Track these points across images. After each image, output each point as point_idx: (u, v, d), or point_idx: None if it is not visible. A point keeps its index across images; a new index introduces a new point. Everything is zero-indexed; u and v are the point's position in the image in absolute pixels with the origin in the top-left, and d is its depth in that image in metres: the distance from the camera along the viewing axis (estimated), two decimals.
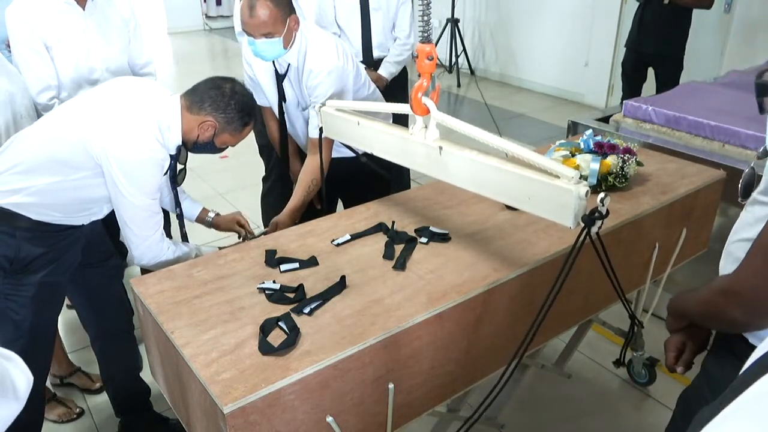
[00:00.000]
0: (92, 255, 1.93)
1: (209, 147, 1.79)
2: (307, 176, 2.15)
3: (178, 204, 1.96)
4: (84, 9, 2.10)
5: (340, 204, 2.59)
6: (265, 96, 2.29)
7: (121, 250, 2.20)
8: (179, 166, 1.83)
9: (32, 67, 2.05)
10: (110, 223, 1.87)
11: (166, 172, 1.77)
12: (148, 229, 1.71)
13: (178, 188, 1.92)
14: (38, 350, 1.84)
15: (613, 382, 2.45)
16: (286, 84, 2.16)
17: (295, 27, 2.00)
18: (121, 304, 2.05)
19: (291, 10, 1.98)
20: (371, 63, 3.22)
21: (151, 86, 1.81)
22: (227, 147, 1.84)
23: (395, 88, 3.29)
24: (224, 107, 1.72)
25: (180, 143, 1.74)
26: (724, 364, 1.15)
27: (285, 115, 2.28)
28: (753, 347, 1.05)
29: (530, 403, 2.31)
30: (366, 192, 2.25)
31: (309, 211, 2.20)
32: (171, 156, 1.76)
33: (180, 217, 1.99)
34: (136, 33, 2.29)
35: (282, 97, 2.20)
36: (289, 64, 2.09)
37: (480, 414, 1.49)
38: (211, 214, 2.09)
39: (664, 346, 1.24)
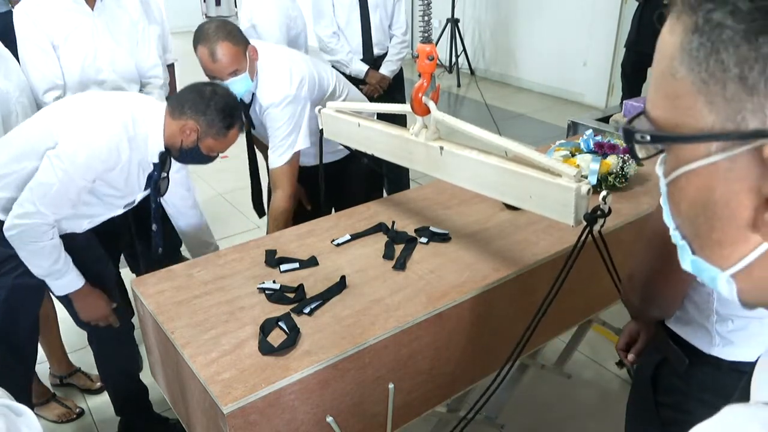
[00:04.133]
0: (79, 258, 1.86)
1: (195, 154, 1.74)
2: (277, 217, 2.10)
3: (156, 220, 1.88)
4: (93, 9, 2.10)
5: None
6: None
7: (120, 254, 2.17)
8: (162, 175, 1.80)
9: (38, 66, 2.05)
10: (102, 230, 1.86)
11: (148, 186, 1.75)
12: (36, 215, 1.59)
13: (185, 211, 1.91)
14: (17, 354, 1.81)
15: (613, 383, 2.45)
16: (252, 113, 2.16)
17: (255, 56, 2.00)
18: (120, 310, 1.99)
19: (246, 40, 1.99)
20: (371, 61, 3.24)
21: (139, 95, 1.81)
22: (217, 155, 1.78)
23: (392, 89, 3.30)
24: (204, 109, 1.68)
25: (162, 149, 1.71)
26: (649, 353, 1.20)
27: (255, 139, 2.31)
28: (674, 333, 1.10)
29: (530, 403, 2.31)
30: (356, 193, 2.25)
31: (301, 213, 2.20)
32: (154, 164, 1.73)
33: (156, 234, 1.91)
34: (145, 35, 2.28)
35: (251, 125, 2.20)
36: (253, 94, 2.08)
37: (476, 413, 1.49)
38: None
39: (621, 332, 1.28)
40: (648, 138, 0.49)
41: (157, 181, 1.79)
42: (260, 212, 2.58)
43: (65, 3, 2.05)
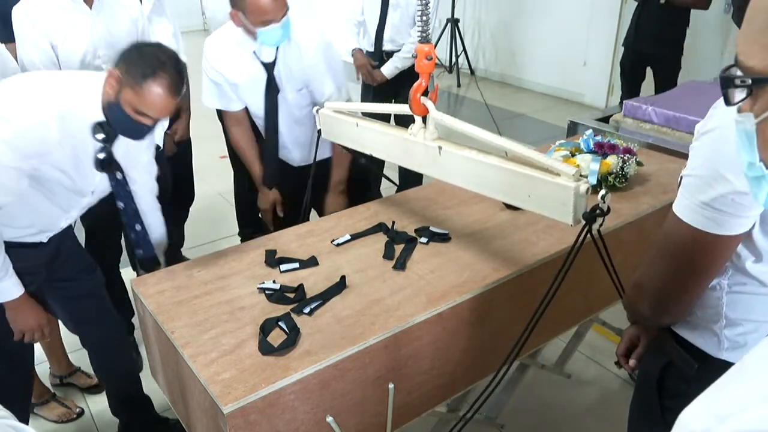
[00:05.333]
0: (66, 270, 1.81)
1: (120, 114, 1.52)
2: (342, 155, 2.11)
3: (131, 216, 1.74)
4: (91, 8, 2.10)
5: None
6: (239, 99, 2.23)
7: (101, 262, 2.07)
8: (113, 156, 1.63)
9: (37, 65, 2.05)
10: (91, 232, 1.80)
11: (98, 167, 1.60)
12: None
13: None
14: (11, 363, 1.77)
15: (613, 383, 2.45)
16: (277, 73, 2.10)
17: None
18: (109, 317, 1.93)
19: None
20: (379, 54, 3.39)
21: (82, 72, 1.68)
22: (152, 125, 1.56)
23: (398, 85, 3.36)
24: (128, 55, 1.51)
25: (101, 119, 1.55)
26: (654, 357, 1.18)
27: (277, 111, 2.22)
28: (683, 339, 1.09)
29: (530, 403, 2.31)
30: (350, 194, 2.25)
31: (294, 212, 2.19)
32: (101, 142, 1.57)
33: (140, 236, 1.79)
34: (144, 33, 2.29)
35: (275, 88, 2.12)
36: (277, 49, 2.04)
37: (474, 412, 1.49)
38: None
39: (621, 337, 1.27)
40: (749, 81, 0.60)
41: (108, 160, 1.62)
42: (252, 228, 2.52)
43: (63, 2, 2.04)
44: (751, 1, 0.62)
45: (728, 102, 0.64)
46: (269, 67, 2.09)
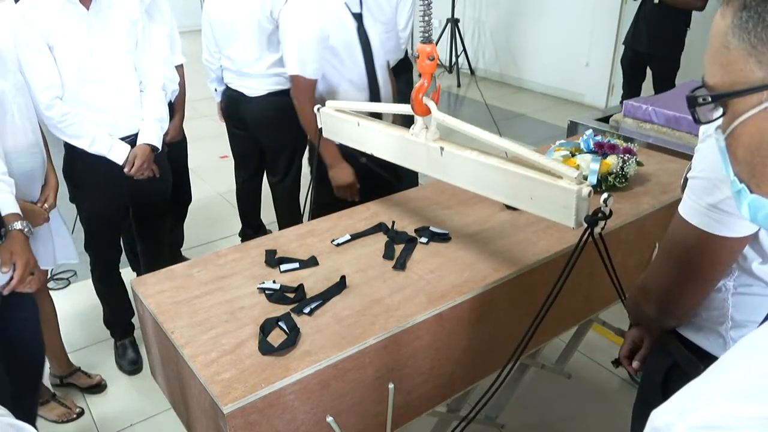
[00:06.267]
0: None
1: None
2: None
3: None
4: (88, 9, 2.10)
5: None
6: (332, 54, 2.18)
7: None
8: None
9: (34, 66, 2.05)
10: None
11: None
12: None
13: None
14: (15, 372, 1.67)
15: (612, 382, 2.45)
16: (366, 20, 2.17)
17: None
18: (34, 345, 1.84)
19: None
20: None
21: None
22: None
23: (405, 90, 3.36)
24: None
25: None
26: (658, 358, 1.18)
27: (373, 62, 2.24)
28: (688, 341, 1.09)
29: (530, 403, 2.31)
30: (368, 193, 2.24)
31: (295, 214, 2.19)
32: None
33: None
34: (144, 34, 2.29)
35: (366, 40, 2.18)
36: (361, 3, 2.13)
37: (476, 413, 1.49)
38: (18, 225, 1.64)
39: (624, 338, 1.27)
40: (709, 98, 0.63)
41: None
42: (254, 229, 2.47)
43: (60, 3, 2.05)
44: (712, 24, 0.66)
45: (696, 120, 0.66)
46: (359, 17, 2.17)
